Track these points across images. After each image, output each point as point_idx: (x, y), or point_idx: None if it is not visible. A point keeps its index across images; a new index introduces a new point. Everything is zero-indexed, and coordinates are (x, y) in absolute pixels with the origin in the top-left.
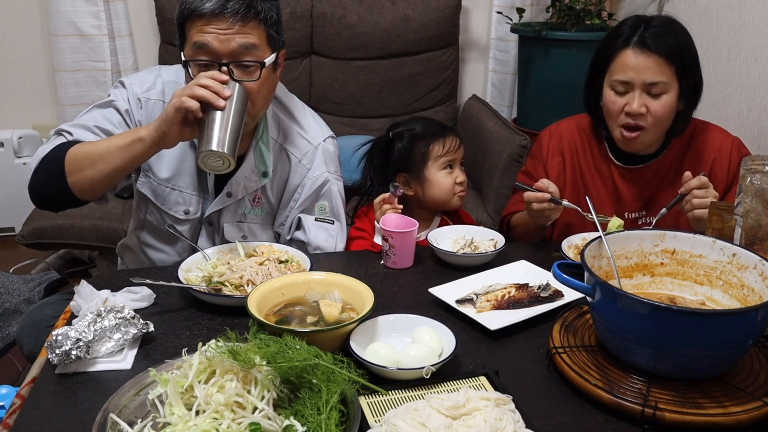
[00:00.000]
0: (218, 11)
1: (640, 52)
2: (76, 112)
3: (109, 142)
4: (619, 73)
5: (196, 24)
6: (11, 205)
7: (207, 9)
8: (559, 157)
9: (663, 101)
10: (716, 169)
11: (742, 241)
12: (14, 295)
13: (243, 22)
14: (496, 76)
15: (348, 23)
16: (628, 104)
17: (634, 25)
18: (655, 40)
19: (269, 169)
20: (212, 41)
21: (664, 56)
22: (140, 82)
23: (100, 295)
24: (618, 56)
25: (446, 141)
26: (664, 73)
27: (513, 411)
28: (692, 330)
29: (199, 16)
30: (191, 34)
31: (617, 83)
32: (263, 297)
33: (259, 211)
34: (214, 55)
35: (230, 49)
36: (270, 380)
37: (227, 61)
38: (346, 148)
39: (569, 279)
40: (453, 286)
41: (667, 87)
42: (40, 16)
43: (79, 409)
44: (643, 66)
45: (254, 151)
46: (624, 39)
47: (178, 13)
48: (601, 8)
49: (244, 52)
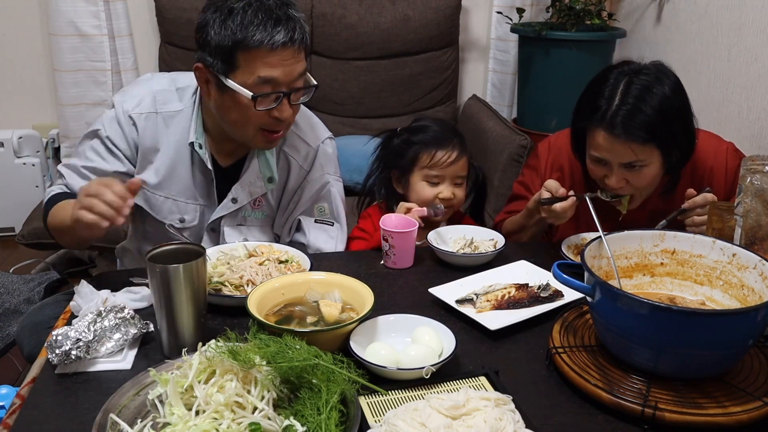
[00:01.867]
0: (288, 44)
1: (613, 137)
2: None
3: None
4: (594, 149)
5: (259, 56)
6: (11, 205)
7: (278, 43)
8: (558, 173)
9: (643, 174)
10: (714, 176)
11: (742, 241)
12: (14, 295)
13: (300, 49)
14: (496, 76)
15: (348, 23)
16: (608, 179)
17: (610, 95)
18: (626, 125)
19: (275, 174)
20: (280, 76)
21: (639, 141)
22: (130, 98)
23: (100, 295)
24: (592, 133)
25: (437, 153)
26: (640, 153)
27: (513, 411)
28: (692, 330)
29: (269, 49)
30: (253, 65)
31: (594, 157)
32: (263, 297)
33: (259, 214)
34: (276, 86)
35: (291, 79)
36: (270, 380)
37: (288, 90)
38: (346, 148)
39: (569, 279)
40: (453, 286)
41: (646, 162)
42: (40, 16)
43: (79, 409)
44: (617, 150)
45: (258, 156)
46: (599, 117)
47: (226, 40)
48: (601, 8)
49: (299, 79)
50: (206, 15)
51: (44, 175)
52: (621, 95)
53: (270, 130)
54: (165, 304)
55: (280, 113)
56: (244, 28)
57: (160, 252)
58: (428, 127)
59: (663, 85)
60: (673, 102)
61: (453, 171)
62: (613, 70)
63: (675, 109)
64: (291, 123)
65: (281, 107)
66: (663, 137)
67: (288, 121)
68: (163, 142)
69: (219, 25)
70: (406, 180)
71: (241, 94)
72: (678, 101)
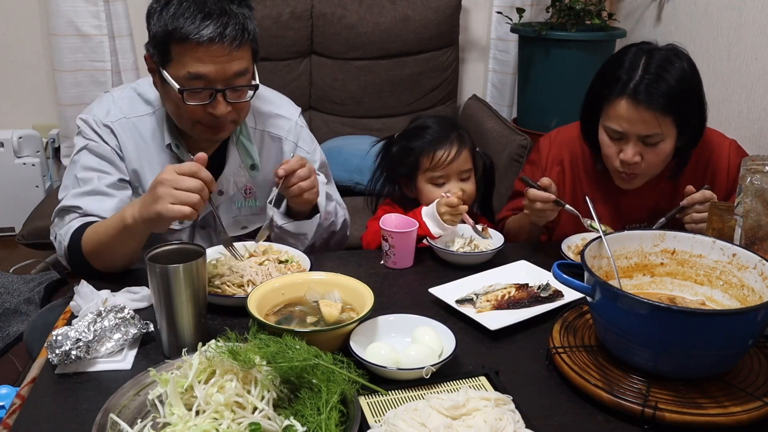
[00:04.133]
0: (217, 39)
1: (635, 106)
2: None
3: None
4: (613, 121)
5: (189, 50)
6: (11, 205)
7: (204, 37)
8: (558, 168)
9: (659, 150)
10: (716, 173)
11: (742, 241)
12: (14, 295)
13: (239, 47)
14: (496, 76)
15: (348, 23)
16: (623, 152)
17: (630, 67)
18: (649, 92)
19: (257, 161)
20: (210, 72)
21: (660, 109)
22: (98, 110)
23: (100, 295)
24: (612, 104)
25: (436, 154)
26: (659, 126)
27: (513, 411)
28: (692, 330)
29: (196, 43)
30: (183, 59)
31: (611, 130)
32: (263, 297)
33: (252, 202)
34: (209, 82)
35: (226, 76)
36: (270, 380)
37: (222, 87)
38: (346, 148)
39: (569, 279)
40: (453, 286)
41: (663, 136)
42: (40, 16)
43: (79, 409)
44: (638, 119)
45: (237, 147)
46: (620, 86)
47: (160, 31)
48: (601, 8)
49: (239, 78)
50: (152, 3)
51: (44, 175)
52: (644, 66)
53: (207, 125)
54: (165, 304)
55: (214, 110)
56: (175, 20)
57: (160, 252)
58: (424, 129)
59: (681, 60)
60: (691, 78)
61: (456, 167)
62: (631, 47)
63: (692, 84)
64: (237, 119)
65: (215, 104)
66: (681, 110)
67: (228, 117)
68: (141, 146)
69: (157, 16)
70: (414, 185)
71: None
72: (694, 79)
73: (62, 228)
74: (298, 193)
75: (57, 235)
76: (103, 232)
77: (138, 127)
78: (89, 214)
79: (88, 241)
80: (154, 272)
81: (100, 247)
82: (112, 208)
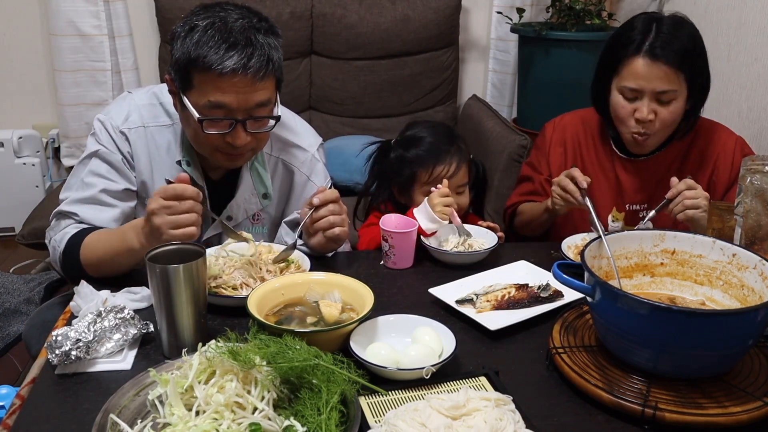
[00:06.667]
0: (240, 71)
1: (651, 62)
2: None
3: (107, 245)
4: (629, 80)
5: (211, 79)
6: (11, 205)
7: (228, 68)
8: (561, 148)
9: (672, 108)
10: (719, 166)
11: (742, 241)
12: (14, 295)
13: (262, 78)
14: (496, 76)
15: (348, 23)
16: (638, 111)
17: (644, 29)
18: (665, 48)
19: (270, 190)
20: (232, 102)
21: (675, 65)
22: (117, 114)
23: (99, 295)
24: (628, 63)
25: (435, 169)
26: (674, 82)
27: (513, 411)
28: (692, 330)
29: (219, 74)
30: (205, 88)
31: (626, 89)
32: (263, 297)
33: (259, 229)
34: (229, 112)
35: (248, 107)
36: (270, 381)
37: (243, 118)
38: (346, 148)
39: (569, 279)
40: (453, 287)
41: (677, 94)
42: (40, 16)
43: (79, 409)
44: (654, 75)
45: (251, 172)
46: (635, 46)
47: (183, 57)
48: (601, 8)
49: (260, 108)
50: (176, 27)
51: (44, 175)
52: (657, 27)
53: (225, 153)
54: (165, 304)
55: (233, 140)
56: (199, 48)
57: (160, 252)
58: (422, 139)
59: (690, 25)
60: (700, 39)
61: (454, 182)
62: (640, 16)
63: (701, 45)
64: (257, 147)
65: (234, 134)
66: (693, 68)
67: (248, 147)
68: (155, 157)
69: (181, 41)
70: (408, 195)
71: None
72: (702, 42)
73: (57, 233)
74: (327, 226)
75: (52, 239)
76: (102, 251)
77: (155, 137)
78: (87, 222)
79: (87, 254)
80: (154, 272)
81: (101, 262)
82: (110, 219)
